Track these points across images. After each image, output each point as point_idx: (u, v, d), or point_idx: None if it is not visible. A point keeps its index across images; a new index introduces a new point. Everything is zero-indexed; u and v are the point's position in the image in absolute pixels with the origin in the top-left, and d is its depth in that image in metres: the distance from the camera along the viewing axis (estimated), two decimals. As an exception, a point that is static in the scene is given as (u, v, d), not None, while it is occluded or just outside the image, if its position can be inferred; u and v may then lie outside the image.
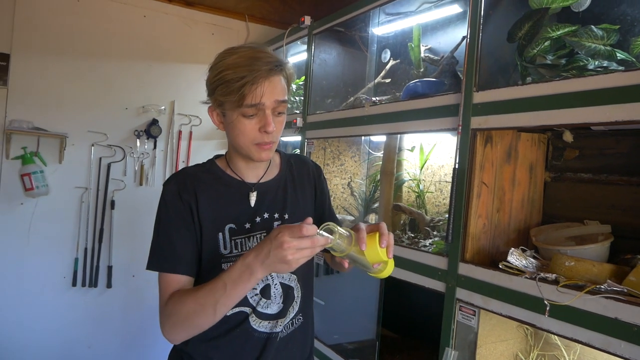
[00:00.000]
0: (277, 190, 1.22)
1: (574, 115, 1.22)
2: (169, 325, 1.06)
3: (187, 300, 1.02)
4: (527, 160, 1.63)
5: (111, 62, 2.95)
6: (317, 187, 1.32)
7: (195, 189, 1.13)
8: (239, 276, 0.94)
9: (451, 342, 1.52)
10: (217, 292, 0.97)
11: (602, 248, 1.38)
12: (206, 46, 3.21)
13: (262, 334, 1.16)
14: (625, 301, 1.08)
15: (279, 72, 1.07)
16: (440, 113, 1.62)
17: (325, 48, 2.47)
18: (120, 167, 2.99)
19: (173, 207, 1.13)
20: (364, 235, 0.94)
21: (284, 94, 1.09)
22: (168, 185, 1.16)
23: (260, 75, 1.03)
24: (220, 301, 0.97)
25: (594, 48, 1.26)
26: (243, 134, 1.08)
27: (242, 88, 1.02)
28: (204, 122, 3.22)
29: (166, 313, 1.06)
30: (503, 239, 1.60)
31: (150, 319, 3.13)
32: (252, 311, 1.15)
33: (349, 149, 2.60)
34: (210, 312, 0.98)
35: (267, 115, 1.06)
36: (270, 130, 1.06)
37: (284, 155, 1.31)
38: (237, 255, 1.14)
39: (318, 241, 0.88)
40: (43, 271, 2.81)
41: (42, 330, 2.80)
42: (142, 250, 2.97)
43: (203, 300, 0.99)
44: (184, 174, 1.18)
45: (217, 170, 1.20)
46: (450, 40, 2.04)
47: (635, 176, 1.46)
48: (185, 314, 1.01)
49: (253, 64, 1.03)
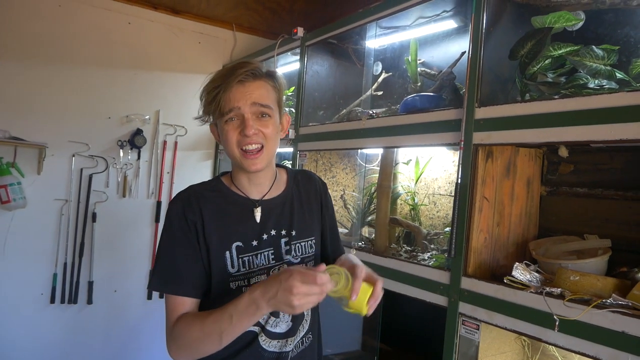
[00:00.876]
0: (283, 207, 1.21)
1: (577, 132, 1.25)
2: (175, 347, 1.07)
3: (193, 327, 1.03)
4: (525, 175, 1.66)
5: (94, 70, 2.87)
6: (323, 204, 1.32)
7: (201, 207, 1.13)
8: (245, 310, 0.96)
9: (454, 356, 1.53)
10: (223, 322, 0.98)
11: (602, 262, 1.41)
12: (192, 55, 3.16)
13: (272, 354, 1.15)
14: (631, 315, 1.11)
15: (257, 78, 1.11)
16: (440, 128, 1.63)
17: (318, 60, 2.47)
18: (103, 178, 2.91)
19: (178, 227, 1.12)
20: (358, 286, 0.97)
21: (264, 99, 1.11)
22: (174, 205, 1.15)
23: (232, 80, 1.08)
24: (225, 331, 0.98)
25: (595, 67, 1.30)
26: (227, 140, 1.10)
27: (217, 96, 1.08)
28: (189, 133, 3.17)
29: (173, 335, 1.06)
30: (502, 253, 1.62)
31: (133, 336, 3.04)
32: (261, 330, 1.14)
33: (340, 161, 2.60)
34: (216, 341, 1.00)
35: (246, 119, 1.08)
36: (249, 133, 1.07)
37: (291, 172, 1.31)
38: (245, 273, 1.13)
39: (327, 289, 0.91)
40: (19, 288, 2.70)
41: (18, 349, 2.68)
42: (125, 264, 2.98)
43: (209, 329, 1.00)
44: (190, 192, 1.17)
45: (223, 188, 1.20)
46: (444, 55, 2.08)
47: (630, 191, 1.50)
48: (190, 340, 1.02)
49: (229, 74, 1.09)
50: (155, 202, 3.08)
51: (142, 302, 3.06)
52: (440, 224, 2.14)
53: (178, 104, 3.13)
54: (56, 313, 2.79)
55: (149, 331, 3.07)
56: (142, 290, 3.07)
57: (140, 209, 3.03)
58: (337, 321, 2.43)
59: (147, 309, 3.07)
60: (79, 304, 2.84)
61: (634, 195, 1.48)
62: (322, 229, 1.31)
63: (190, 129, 3.17)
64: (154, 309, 3.09)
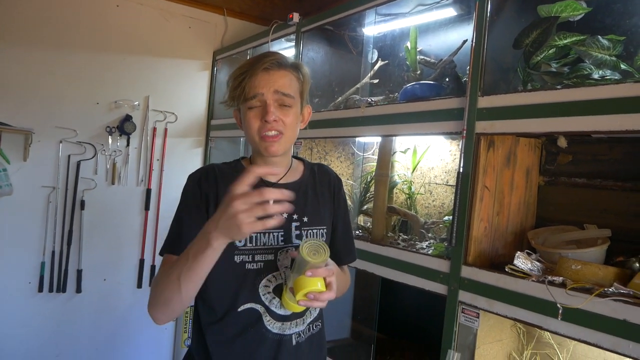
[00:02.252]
0: (297, 193, 1.22)
1: (581, 123, 1.25)
2: (149, 305, 1.07)
3: (160, 276, 1.05)
4: (524, 165, 1.67)
5: (81, 54, 2.79)
6: (336, 198, 1.33)
7: (217, 181, 1.16)
8: (198, 244, 0.94)
9: (453, 344, 1.54)
10: (180, 264, 0.97)
11: (601, 251, 1.43)
12: (183, 40, 3.10)
13: (276, 335, 1.16)
14: (633, 303, 1.13)
15: (282, 68, 1.14)
16: (442, 116, 1.63)
17: (314, 46, 2.43)
18: (91, 165, 2.84)
19: (191, 193, 1.16)
20: (322, 272, 1.01)
21: (287, 88, 1.13)
22: (192, 175, 1.19)
23: (258, 68, 1.11)
24: (183, 273, 0.96)
25: (600, 58, 1.30)
26: (249, 126, 1.13)
27: (243, 81, 1.12)
28: (179, 119, 3.11)
29: (150, 293, 1.08)
30: (501, 242, 1.63)
31: (124, 324, 3.00)
32: (266, 311, 1.15)
33: (335, 150, 2.58)
34: (176, 287, 0.97)
35: (268, 105, 1.11)
36: (270, 119, 1.10)
37: (308, 164, 1.33)
38: (251, 249, 1.15)
39: (268, 193, 0.87)
40: (6, 276, 2.64)
41: (4, 339, 2.63)
42: (114, 253, 2.94)
43: (170, 273, 0.99)
44: (211, 167, 1.21)
45: (241, 169, 1.22)
46: (442, 44, 2.06)
47: (628, 182, 1.52)
48: (157, 291, 1.03)
49: (256, 61, 1.13)
50: (145, 190, 3.02)
51: (132, 291, 3.03)
52: (436, 212, 2.15)
53: (168, 90, 3.06)
54: (44, 302, 2.74)
55: (139, 320, 3.04)
56: (132, 279, 3.03)
57: (129, 197, 2.97)
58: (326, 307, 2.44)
59: (137, 297, 3.03)
60: (67, 293, 2.79)
61: (633, 186, 1.50)
62: (334, 222, 1.32)
63: (180, 115, 3.11)
64: (144, 297, 3.05)
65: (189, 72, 3.15)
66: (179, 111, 3.11)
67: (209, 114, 3.25)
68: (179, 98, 3.11)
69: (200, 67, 3.19)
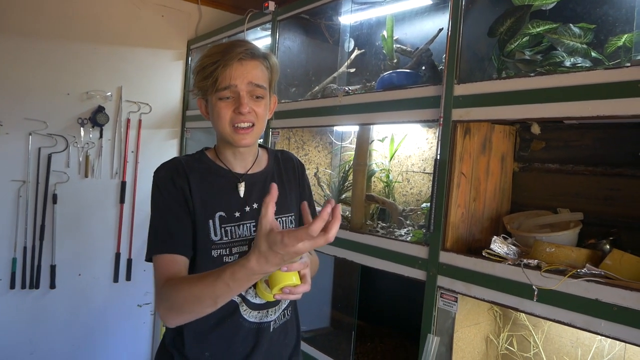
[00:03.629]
0: (265, 182, 1.24)
1: (554, 109, 1.28)
2: (163, 308, 1.05)
3: (183, 289, 1.00)
4: (499, 151, 1.70)
5: (49, 43, 2.70)
6: (301, 183, 1.36)
7: (187, 175, 1.16)
8: (242, 273, 0.91)
9: (433, 328, 1.57)
10: (216, 286, 0.93)
11: (574, 234, 1.47)
12: (156, 29, 3.03)
13: (253, 324, 1.18)
14: (604, 283, 1.17)
15: (254, 58, 1.13)
16: (419, 104, 1.64)
17: (290, 35, 2.41)
18: (63, 158, 2.77)
19: (167, 192, 1.14)
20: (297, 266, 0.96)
21: (260, 79, 1.13)
22: (159, 173, 1.17)
23: (232, 58, 1.09)
24: (221, 295, 0.95)
25: (572, 45, 1.33)
26: (220, 117, 1.12)
27: (215, 71, 1.09)
28: (154, 110, 3.06)
29: (162, 297, 1.05)
30: (478, 228, 1.66)
31: (101, 319, 2.96)
32: (242, 300, 1.16)
33: (312, 139, 2.58)
34: (211, 303, 0.97)
35: (242, 97, 1.10)
36: (244, 111, 1.10)
37: (272, 151, 1.35)
38: (228, 242, 1.16)
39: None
40: (-24, 274, 2.56)
41: (-24, 337, 2.56)
42: (89, 247, 2.88)
43: (200, 293, 0.97)
44: (175, 161, 1.20)
45: (207, 160, 1.23)
46: (418, 32, 2.07)
47: (599, 167, 1.57)
48: (181, 302, 1.01)
49: (227, 50, 1.11)
50: (120, 182, 2.96)
51: (109, 285, 2.97)
52: (414, 200, 2.17)
53: (141, 81, 3.00)
54: (17, 299, 2.67)
55: (117, 315, 3.00)
56: (109, 273, 2.98)
57: (104, 190, 2.91)
58: (305, 297, 2.46)
59: (114, 292, 2.99)
60: (41, 289, 2.72)
61: (603, 170, 1.55)
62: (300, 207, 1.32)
63: (155, 106, 3.05)
64: (121, 291, 3.01)
65: (163, 62, 3.08)
66: (153, 102, 3.05)
67: (184, 104, 3.20)
68: (153, 88, 3.05)
69: (175, 56, 3.13)
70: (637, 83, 1.12)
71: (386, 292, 2.26)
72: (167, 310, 1.03)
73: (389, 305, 2.30)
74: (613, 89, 1.17)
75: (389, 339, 2.20)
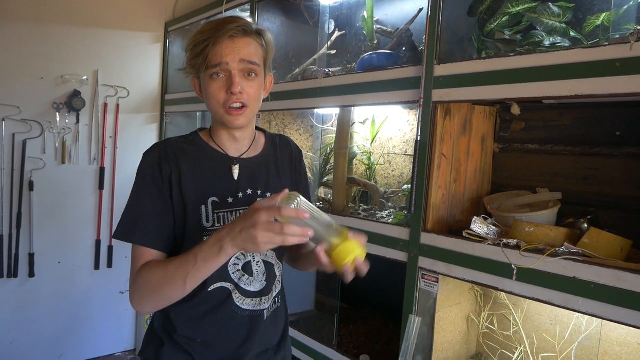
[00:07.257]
0: (260, 167, 1.22)
1: (533, 89, 1.28)
2: (137, 296, 1.05)
3: (157, 272, 1.02)
4: (480, 132, 1.70)
5: (22, 25, 2.62)
6: (296, 169, 1.33)
7: (178, 160, 1.12)
8: (209, 249, 0.94)
9: (414, 309, 1.58)
10: (187, 265, 0.96)
11: (552, 214, 1.48)
12: (133, 10, 2.94)
13: (246, 311, 1.15)
14: (582, 261, 1.18)
15: (246, 35, 1.09)
16: (399, 85, 1.63)
17: (269, 17, 2.37)
18: (38, 144, 2.71)
19: (151, 177, 1.10)
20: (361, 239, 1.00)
21: (253, 56, 1.09)
22: (149, 154, 1.13)
23: (223, 35, 1.05)
24: (190, 274, 0.96)
25: (551, 25, 1.32)
26: (212, 96, 1.09)
27: (206, 49, 1.05)
28: (132, 94, 2.99)
29: (137, 284, 1.05)
30: (459, 209, 1.67)
31: (83, 307, 2.93)
32: (235, 288, 1.14)
33: (294, 122, 2.55)
34: (180, 285, 0.98)
35: (233, 75, 1.06)
36: (235, 90, 1.06)
37: (269, 135, 1.31)
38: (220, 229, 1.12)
39: (291, 229, 0.87)
40: (-49, 263, 2.50)
41: (-47, 328, 2.52)
42: (69, 234, 2.83)
43: (173, 272, 0.98)
44: (167, 144, 1.15)
45: (201, 143, 1.18)
46: (399, 13, 2.05)
47: (578, 146, 1.58)
48: (155, 286, 1.01)
49: (219, 27, 1.06)
50: (99, 168, 2.91)
51: (90, 273, 2.94)
52: (396, 182, 2.17)
53: (119, 64, 2.93)
54: (-5, 288, 2.63)
55: (98, 302, 2.97)
56: (89, 261, 2.94)
57: (82, 176, 2.85)
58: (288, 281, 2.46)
59: (95, 279, 2.95)
60: (19, 278, 2.68)
61: (582, 150, 1.56)
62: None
63: (132, 90, 2.99)
64: (102, 279, 2.98)
65: (140, 45, 3.01)
66: (131, 86, 2.98)
67: (163, 88, 3.14)
68: (131, 72, 2.98)
69: (152, 39, 3.05)
70: (615, 62, 1.12)
71: (369, 275, 2.26)
72: (140, 297, 1.04)
73: (372, 287, 2.31)
74: (591, 68, 1.17)
75: (372, 320, 2.22)
